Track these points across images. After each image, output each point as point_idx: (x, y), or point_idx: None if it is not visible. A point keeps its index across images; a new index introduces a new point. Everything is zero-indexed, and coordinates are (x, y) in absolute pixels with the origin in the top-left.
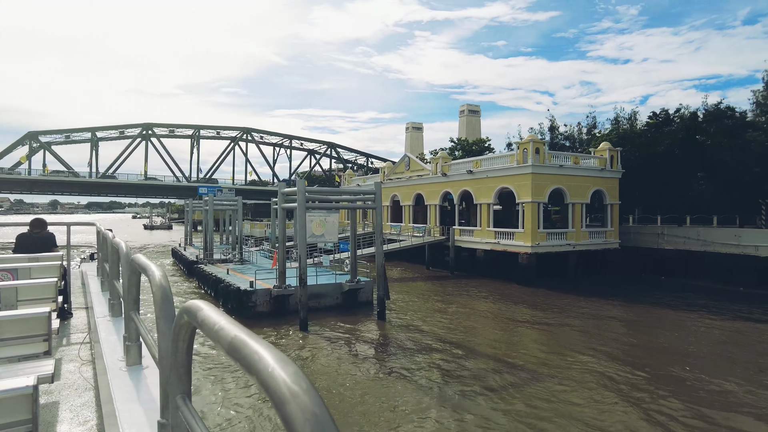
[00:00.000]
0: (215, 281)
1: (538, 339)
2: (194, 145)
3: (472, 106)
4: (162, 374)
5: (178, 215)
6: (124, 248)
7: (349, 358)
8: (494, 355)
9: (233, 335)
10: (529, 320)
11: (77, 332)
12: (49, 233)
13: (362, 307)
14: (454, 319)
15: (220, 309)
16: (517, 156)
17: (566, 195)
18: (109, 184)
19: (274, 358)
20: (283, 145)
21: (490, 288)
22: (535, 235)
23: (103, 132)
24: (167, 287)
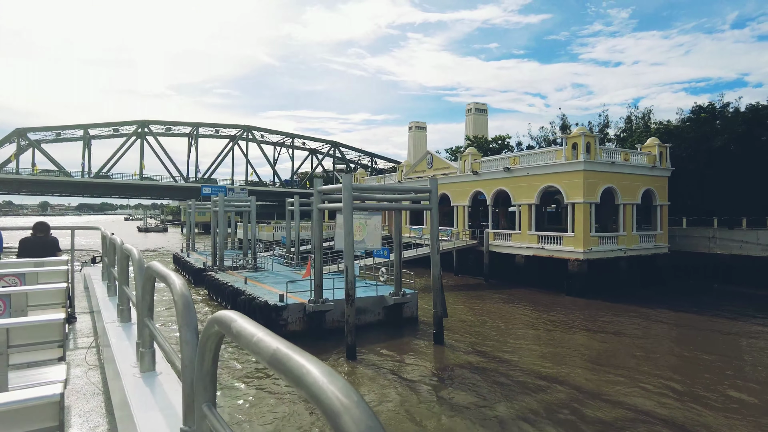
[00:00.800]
0: (233, 293)
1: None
2: (192, 144)
3: (479, 104)
4: (185, 382)
5: (173, 217)
6: (137, 255)
7: (418, 402)
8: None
9: (275, 347)
10: (608, 342)
11: (82, 337)
12: (53, 237)
13: (408, 325)
14: (521, 342)
15: (250, 319)
16: (565, 151)
17: (617, 195)
18: (102, 184)
19: (321, 372)
20: (285, 144)
21: (538, 300)
22: (587, 239)
23: (96, 129)
24: (189, 296)
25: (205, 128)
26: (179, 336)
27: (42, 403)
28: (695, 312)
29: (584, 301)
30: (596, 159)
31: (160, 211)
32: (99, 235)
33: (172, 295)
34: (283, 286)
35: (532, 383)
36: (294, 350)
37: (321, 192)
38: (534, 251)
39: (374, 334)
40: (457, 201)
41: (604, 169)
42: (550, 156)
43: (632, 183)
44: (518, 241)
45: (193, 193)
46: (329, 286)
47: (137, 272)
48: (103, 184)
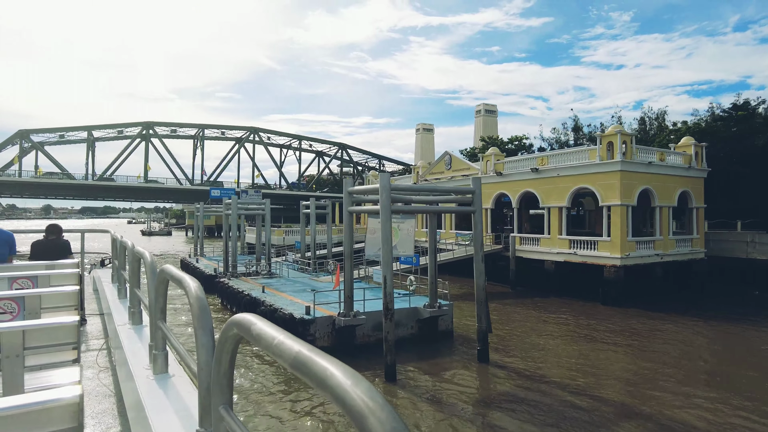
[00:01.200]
0: (251, 302)
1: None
2: (197, 146)
3: (488, 106)
4: (201, 384)
5: (176, 220)
6: (149, 258)
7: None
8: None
9: (297, 350)
10: (659, 360)
11: (93, 339)
12: (65, 240)
13: (443, 340)
14: (567, 360)
15: (269, 322)
16: (599, 151)
17: (654, 197)
18: (106, 187)
19: (345, 374)
20: (291, 146)
21: (573, 310)
22: (624, 244)
23: (100, 131)
24: (204, 299)
25: (210, 130)
26: (195, 338)
27: (62, 404)
28: (738, 321)
29: (622, 311)
30: (632, 159)
31: (163, 214)
32: (106, 238)
33: (187, 299)
34: (303, 294)
35: (593, 409)
36: (316, 353)
37: (352, 193)
38: (565, 257)
39: (409, 351)
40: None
41: (641, 169)
42: (581, 156)
43: (668, 184)
44: (548, 246)
45: (200, 196)
46: (356, 296)
47: (150, 275)
48: (106, 186)
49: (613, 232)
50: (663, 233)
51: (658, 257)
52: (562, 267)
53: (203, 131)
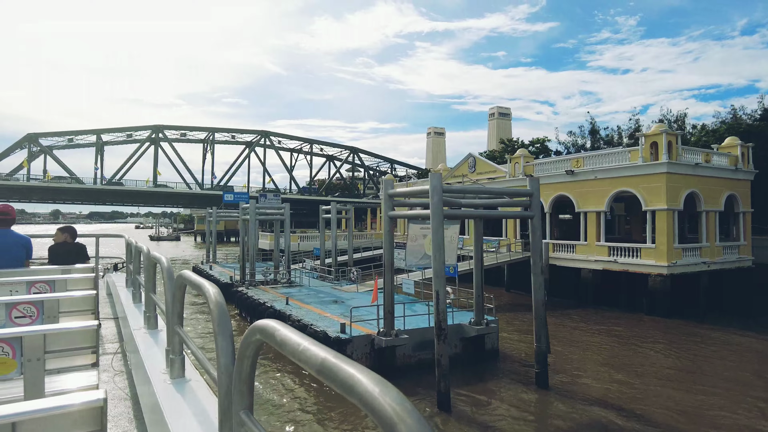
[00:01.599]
0: (274, 316)
1: None
2: (207, 150)
3: (502, 109)
4: (220, 389)
5: (185, 225)
6: (166, 263)
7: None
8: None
9: (323, 357)
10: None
11: (107, 343)
12: (81, 245)
13: (490, 360)
14: (630, 382)
15: (292, 327)
16: (642, 152)
17: (700, 201)
18: (115, 191)
19: (373, 381)
20: (302, 150)
21: (616, 322)
22: (671, 251)
23: (109, 135)
24: (224, 304)
25: (220, 134)
26: (215, 343)
27: (86, 407)
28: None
29: (668, 323)
30: (678, 160)
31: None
32: (117, 243)
33: (207, 304)
34: (330, 307)
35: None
36: (342, 360)
37: (392, 196)
38: (604, 265)
39: (455, 373)
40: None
41: (688, 171)
42: (621, 157)
43: (715, 187)
44: (584, 253)
45: (210, 201)
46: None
47: (167, 280)
48: (115, 191)
49: (658, 238)
50: (710, 239)
51: (704, 265)
52: (601, 276)
53: (213, 135)
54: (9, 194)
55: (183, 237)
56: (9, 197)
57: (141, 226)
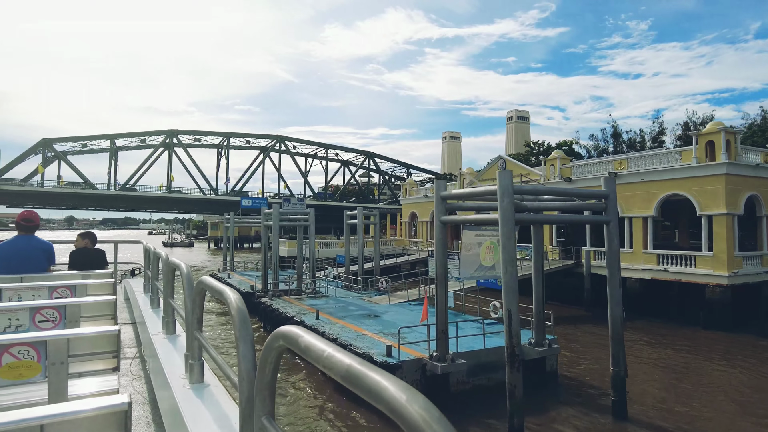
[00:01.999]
0: None
1: None
2: (222, 155)
3: (520, 112)
4: (242, 394)
5: (197, 232)
6: (185, 269)
7: None
8: None
9: (348, 363)
10: None
11: (126, 347)
12: (101, 250)
13: (550, 384)
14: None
15: (315, 334)
16: (696, 152)
17: (761, 204)
18: (129, 197)
19: (400, 388)
20: (317, 155)
21: (673, 336)
22: (731, 260)
23: (123, 140)
24: (245, 310)
25: (235, 139)
26: (236, 349)
27: (111, 411)
28: None
29: (730, 337)
30: (737, 160)
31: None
32: (132, 248)
33: (228, 310)
34: (365, 322)
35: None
36: (367, 366)
37: (445, 199)
38: (653, 274)
39: None
40: None
41: (748, 172)
42: (670, 158)
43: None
44: (630, 262)
45: (226, 207)
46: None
47: (186, 286)
48: (129, 197)
49: (716, 245)
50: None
51: (767, 275)
52: (650, 286)
53: (228, 140)
54: (23, 200)
55: (196, 243)
56: (23, 203)
57: (154, 232)
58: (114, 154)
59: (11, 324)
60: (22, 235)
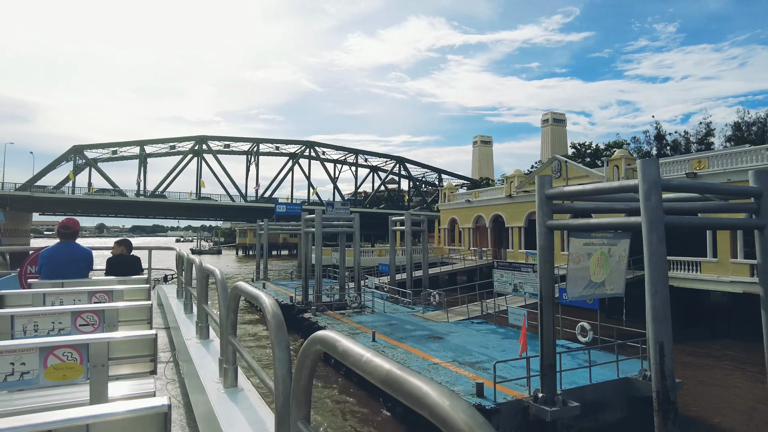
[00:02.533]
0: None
1: None
2: (251, 162)
3: (556, 114)
4: (277, 399)
5: (225, 239)
6: (219, 274)
7: None
8: None
9: (388, 368)
10: None
11: (159, 352)
12: (136, 257)
13: None
14: None
15: (352, 339)
16: None
17: None
18: (159, 204)
19: (442, 393)
20: (346, 161)
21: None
22: None
23: (153, 147)
24: (280, 315)
25: (264, 145)
26: (272, 353)
27: (151, 413)
28: None
29: None
30: None
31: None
32: (162, 255)
33: (264, 315)
34: (429, 345)
35: None
36: (407, 371)
37: (552, 198)
38: (744, 287)
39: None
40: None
41: None
42: (758, 155)
43: None
44: (714, 273)
45: (256, 213)
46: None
47: (221, 291)
48: (159, 203)
49: None
50: None
51: None
52: (740, 300)
53: (257, 146)
54: (55, 207)
55: (224, 250)
56: (55, 210)
57: (181, 240)
58: (143, 160)
59: (54, 327)
60: (64, 242)
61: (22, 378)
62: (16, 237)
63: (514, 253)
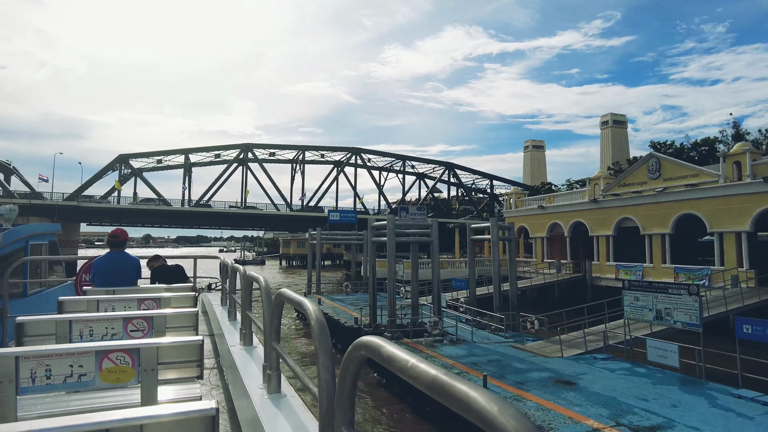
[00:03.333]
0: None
1: None
2: (296, 170)
3: (616, 116)
4: (321, 405)
5: (267, 249)
6: (263, 281)
7: None
8: None
9: (434, 374)
10: None
11: (204, 358)
12: (180, 266)
13: None
14: None
15: (396, 344)
16: None
17: None
18: (203, 213)
19: (489, 399)
20: (392, 168)
21: None
22: None
23: (198, 155)
24: (324, 321)
25: (309, 153)
26: (316, 359)
27: (201, 416)
28: None
29: None
30: None
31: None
32: (205, 264)
33: (308, 321)
34: (560, 395)
35: None
36: (453, 377)
37: None
38: None
39: None
40: (720, 225)
41: None
42: None
43: None
44: None
45: (304, 223)
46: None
47: (265, 298)
48: (204, 213)
49: None
50: None
51: None
52: None
53: (303, 153)
54: (101, 217)
55: (267, 261)
56: (101, 220)
57: (225, 250)
58: (188, 170)
59: (108, 332)
60: (114, 251)
61: (80, 380)
62: (66, 247)
63: (601, 266)
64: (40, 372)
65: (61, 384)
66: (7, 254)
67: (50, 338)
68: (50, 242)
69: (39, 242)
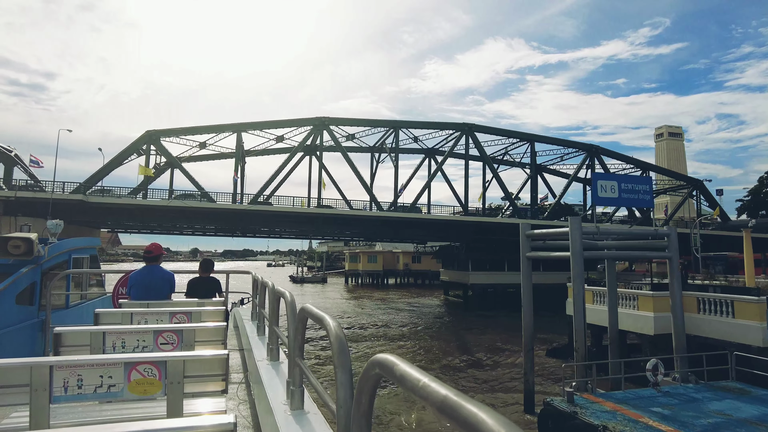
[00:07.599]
0: None
1: None
2: (378, 160)
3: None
4: (339, 422)
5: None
6: (289, 297)
7: None
8: None
9: (444, 394)
10: None
11: (233, 372)
12: (216, 279)
13: None
14: None
15: (410, 363)
16: None
17: None
18: (262, 214)
19: (499, 421)
20: (515, 161)
21: None
22: None
23: (253, 135)
24: (344, 338)
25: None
26: (335, 377)
27: (218, 430)
28: None
29: None
30: None
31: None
32: (241, 278)
33: (328, 337)
34: None
35: None
36: (463, 397)
37: None
38: None
39: None
40: None
41: None
42: None
43: None
44: None
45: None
46: None
47: (290, 314)
48: (262, 213)
49: None
50: None
51: None
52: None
53: (396, 132)
54: (119, 217)
55: (329, 278)
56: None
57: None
58: (241, 157)
59: (139, 344)
60: (149, 266)
61: (109, 390)
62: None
63: None
64: (72, 381)
65: (91, 394)
66: (51, 267)
67: (85, 349)
68: (91, 256)
69: (81, 256)
